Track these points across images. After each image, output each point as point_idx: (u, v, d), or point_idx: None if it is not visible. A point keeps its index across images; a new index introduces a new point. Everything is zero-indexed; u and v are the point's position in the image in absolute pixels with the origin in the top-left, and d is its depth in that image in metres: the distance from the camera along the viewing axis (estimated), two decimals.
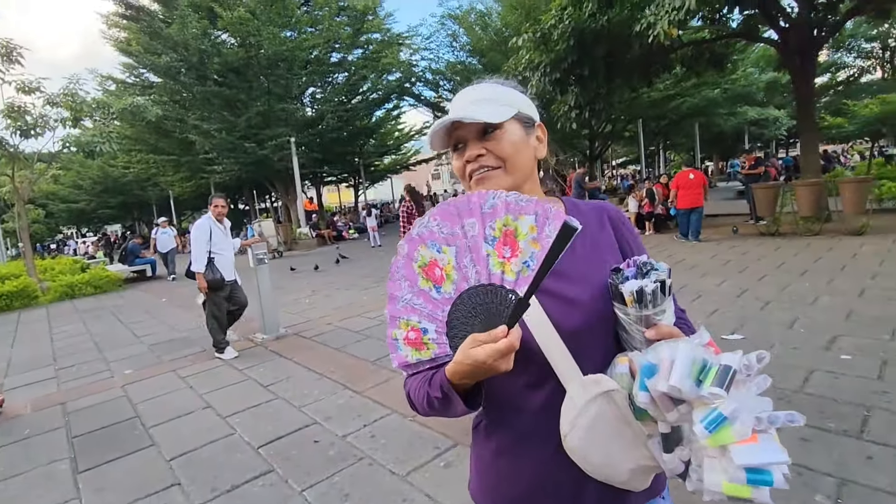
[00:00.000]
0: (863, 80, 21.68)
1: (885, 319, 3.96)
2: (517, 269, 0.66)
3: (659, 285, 0.74)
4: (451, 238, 0.70)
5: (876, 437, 2.40)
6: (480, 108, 0.82)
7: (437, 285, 0.71)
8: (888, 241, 7.08)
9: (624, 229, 0.94)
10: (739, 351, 0.65)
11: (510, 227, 0.67)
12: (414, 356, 0.73)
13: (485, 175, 0.84)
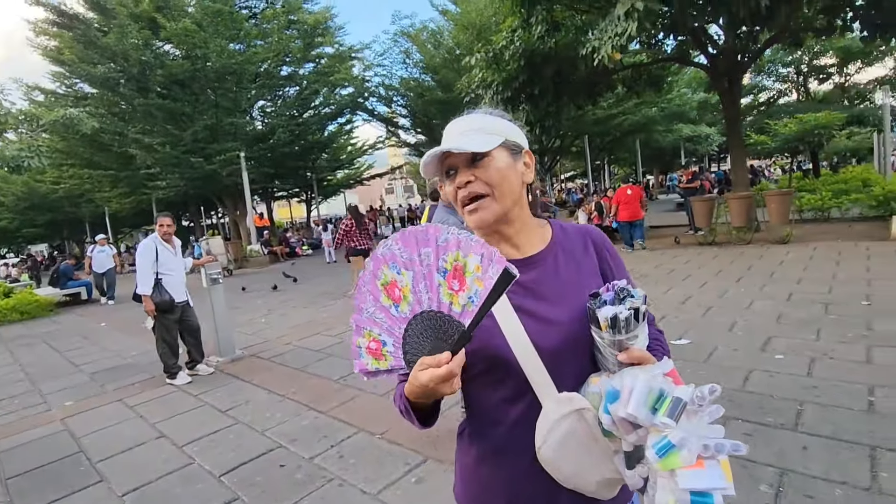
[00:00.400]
0: (781, 102, 23.86)
1: (811, 321, 4.37)
2: (463, 302, 0.71)
3: (632, 312, 0.80)
4: (409, 263, 0.76)
5: (809, 429, 2.64)
6: (469, 139, 0.88)
7: (395, 304, 0.77)
8: (809, 248, 7.78)
9: (606, 253, 1.00)
10: (692, 385, 0.71)
11: (460, 262, 0.72)
12: (373, 365, 0.79)
13: (477, 206, 0.89)
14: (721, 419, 2.34)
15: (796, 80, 23.48)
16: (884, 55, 19.98)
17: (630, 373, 0.77)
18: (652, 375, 0.74)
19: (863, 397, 2.92)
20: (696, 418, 0.71)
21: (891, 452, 2.35)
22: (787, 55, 21.50)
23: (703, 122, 29.24)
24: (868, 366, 3.35)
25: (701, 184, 11.69)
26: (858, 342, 3.76)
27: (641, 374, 0.75)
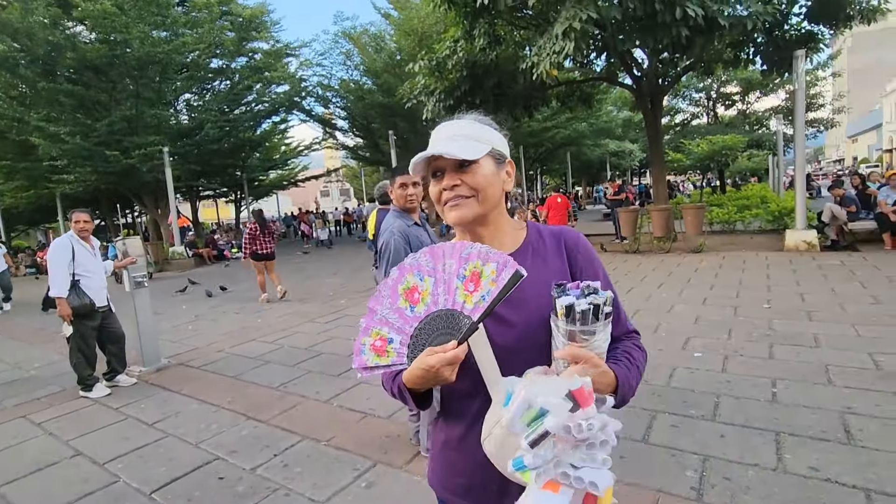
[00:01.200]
0: (694, 123, 26.19)
1: (723, 322, 4.84)
2: (475, 300, 0.83)
3: (591, 307, 0.80)
4: (433, 271, 0.88)
5: (725, 419, 2.94)
6: (459, 145, 0.92)
7: (412, 305, 0.88)
8: (719, 257, 8.61)
9: (577, 255, 1.02)
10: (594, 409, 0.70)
11: (478, 269, 0.84)
12: (374, 360, 0.88)
13: (459, 203, 0.94)
14: (650, 412, 2.52)
15: (707, 105, 25.90)
16: (778, 87, 22.59)
17: (532, 382, 0.76)
18: (547, 389, 0.71)
19: (767, 389, 3.29)
20: (569, 445, 0.69)
21: (792, 437, 2.68)
22: (699, 82, 23.67)
23: (627, 138, 31.42)
24: (771, 361, 3.77)
25: (626, 196, 12.56)
26: (762, 341, 4.22)
27: (534, 387, 0.72)
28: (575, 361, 0.81)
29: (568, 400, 0.69)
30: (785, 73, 10.23)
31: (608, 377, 0.83)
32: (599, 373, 0.81)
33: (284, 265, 14.21)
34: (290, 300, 8.26)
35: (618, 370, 0.87)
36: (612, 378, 0.84)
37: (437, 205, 0.98)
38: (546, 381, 0.75)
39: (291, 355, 5.05)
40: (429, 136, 1.02)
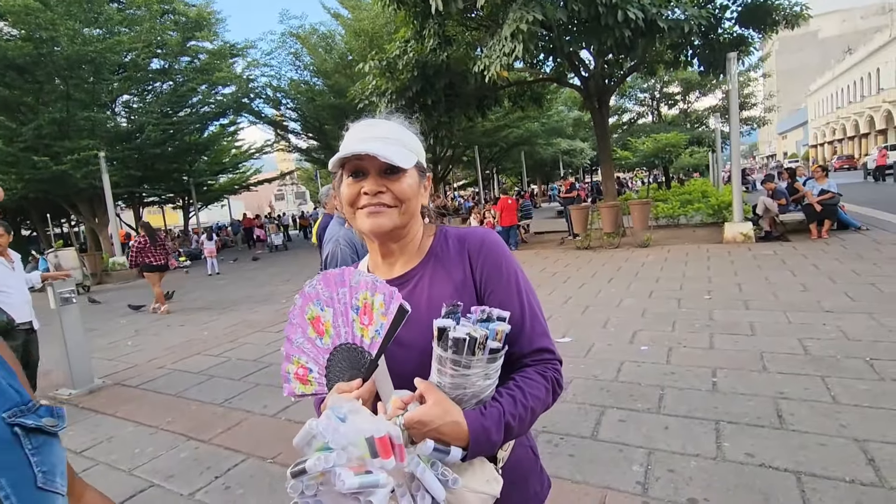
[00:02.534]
0: (640, 122, 27.27)
1: (668, 315, 5.02)
2: (371, 334, 0.81)
3: (467, 338, 0.72)
4: (329, 301, 0.86)
5: (670, 411, 3.02)
6: (390, 148, 0.84)
7: (320, 336, 0.87)
8: (664, 251, 8.96)
9: (481, 262, 0.91)
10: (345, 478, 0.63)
11: (369, 301, 0.82)
12: (300, 389, 0.88)
13: (380, 210, 0.86)
14: (598, 408, 2.54)
15: (651, 105, 27.04)
16: (715, 87, 23.88)
17: (349, 411, 0.68)
18: (356, 431, 0.66)
19: (708, 379, 3.42)
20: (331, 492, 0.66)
21: (730, 424, 2.78)
22: (644, 82, 24.69)
23: (578, 137, 32.31)
24: (711, 351, 3.93)
25: (578, 193, 12.90)
26: (704, 331, 4.40)
27: (345, 428, 0.66)
28: (422, 399, 0.75)
29: (368, 444, 0.64)
30: (720, 74, 10.79)
31: (458, 429, 0.73)
32: (448, 422, 0.73)
33: (235, 273, 13.68)
34: (238, 310, 7.94)
35: (475, 422, 0.75)
36: (463, 430, 0.73)
37: (348, 207, 0.90)
38: (359, 417, 0.68)
39: (238, 368, 4.83)
40: None
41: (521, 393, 0.81)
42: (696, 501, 2.16)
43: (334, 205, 2.57)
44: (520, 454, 0.93)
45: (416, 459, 0.70)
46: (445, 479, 0.70)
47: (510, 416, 0.78)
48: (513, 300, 0.88)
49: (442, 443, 0.72)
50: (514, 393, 0.81)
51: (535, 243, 12.73)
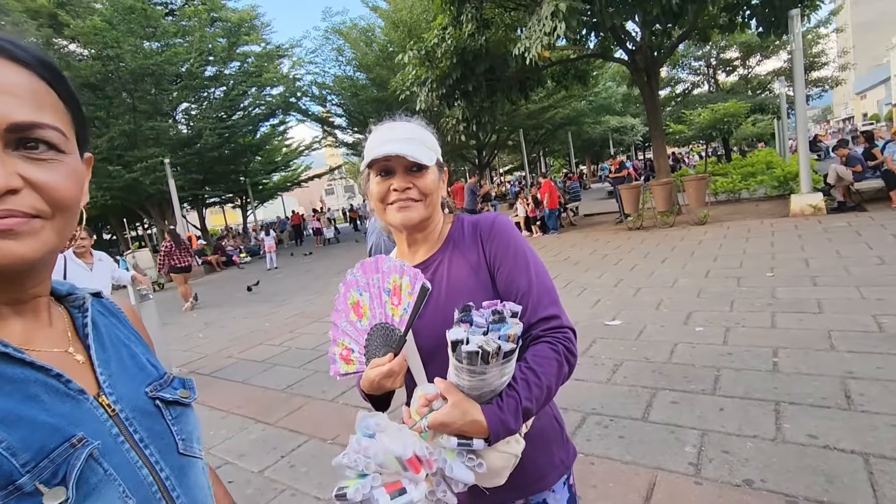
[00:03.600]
0: (695, 93, 25.72)
1: (726, 294, 4.80)
2: (400, 313, 0.90)
3: (479, 352, 0.73)
4: (367, 286, 0.95)
5: (725, 392, 2.93)
6: (415, 147, 0.95)
7: (359, 319, 0.96)
8: (724, 228, 8.50)
9: (491, 242, 0.99)
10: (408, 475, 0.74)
11: (397, 283, 0.91)
12: (344, 368, 0.97)
13: (408, 205, 0.96)
14: (650, 390, 2.53)
15: (707, 73, 25.41)
16: (778, 49, 22.05)
17: (381, 430, 0.77)
18: (386, 451, 0.73)
19: (769, 359, 3.27)
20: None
21: (792, 405, 2.67)
22: (697, 50, 23.21)
23: (627, 113, 30.95)
24: (773, 330, 3.74)
25: (628, 172, 12.43)
26: (765, 310, 4.19)
27: (380, 446, 0.74)
28: (444, 397, 0.81)
29: (398, 462, 0.73)
30: (783, 34, 9.98)
31: (478, 426, 0.79)
32: (468, 421, 0.78)
33: (290, 267, 14.33)
34: (295, 302, 8.35)
35: (493, 418, 0.79)
36: (482, 427, 0.79)
37: (378, 203, 1.00)
38: (388, 437, 0.75)
39: (298, 357, 5.12)
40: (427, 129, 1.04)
41: (535, 375, 0.84)
42: (753, 482, 2.11)
43: None
44: (543, 422, 1.01)
45: (443, 455, 0.78)
46: (472, 464, 0.79)
47: (527, 402, 0.82)
48: (521, 273, 0.95)
49: (464, 437, 0.80)
50: (527, 377, 0.84)
51: (584, 226, 12.44)
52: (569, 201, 13.83)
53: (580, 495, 2.15)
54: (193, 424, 0.65)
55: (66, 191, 0.51)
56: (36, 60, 0.51)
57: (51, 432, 0.49)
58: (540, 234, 12.10)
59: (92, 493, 0.49)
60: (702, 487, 2.14)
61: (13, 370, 0.50)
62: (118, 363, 0.61)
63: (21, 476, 0.45)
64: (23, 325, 0.55)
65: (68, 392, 0.52)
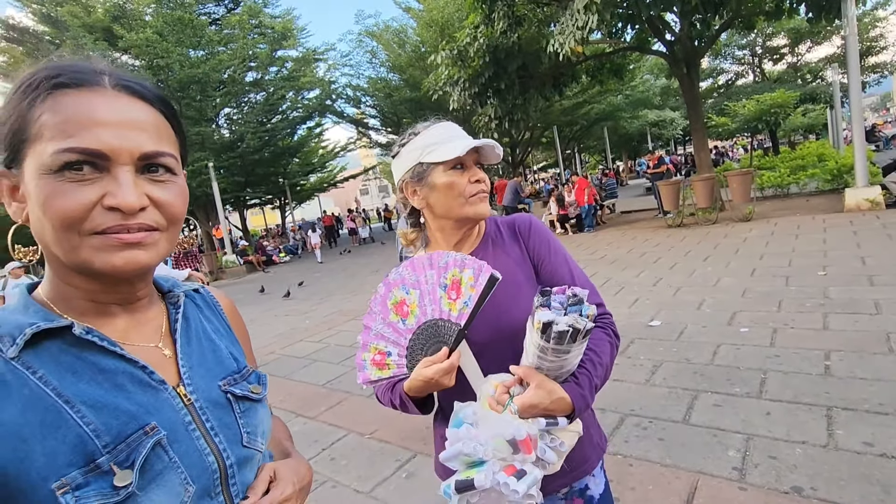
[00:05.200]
0: (739, 83, 24.64)
1: (773, 294, 4.61)
2: (459, 307, 0.87)
3: (571, 330, 0.77)
4: (416, 284, 0.93)
5: (772, 396, 2.82)
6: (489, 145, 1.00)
7: (403, 318, 0.93)
8: (770, 224, 8.14)
9: (532, 239, 1.07)
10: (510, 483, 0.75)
11: (457, 277, 0.88)
12: (376, 374, 0.95)
13: (484, 197, 1.02)
14: (691, 392, 2.48)
15: (752, 62, 24.30)
16: (831, 34, 20.84)
17: (484, 420, 0.80)
18: (495, 434, 0.76)
19: (820, 362, 3.12)
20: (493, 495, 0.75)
21: (845, 411, 2.54)
22: (741, 38, 22.23)
23: (667, 106, 29.99)
24: (825, 332, 3.57)
25: (667, 168, 12.08)
26: (816, 311, 3.99)
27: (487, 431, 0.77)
28: (520, 383, 0.84)
29: (510, 446, 0.75)
30: (834, 18, 9.43)
31: (564, 403, 0.85)
32: (554, 400, 0.84)
33: (328, 265, 14.67)
34: (332, 300, 8.56)
35: (575, 393, 0.86)
36: (567, 404, 0.85)
37: (457, 196, 0.99)
38: (495, 421, 0.78)
39: (337, 353, 5.26)
40: (461, 127, 1.07)
41: (596, 355, 0.93)
42: (802, 490, 2.03)
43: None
44: None
45: (539, 445, 0.81)
46: (554, 444, 0.83)
47: (597, 379, 0.91)
48: (562, 268, 1.03)
49: (549, 416, 0.84)
50: (591, 357, 0.92)
51: (621, 223, 12.16)
52: (605, 198, 13.55)
53: (618, 497, 2.13)
54: (260, 419, 0.69)
55: (179, 206, 0.60)
56: (157, 99, 0.60)
57: (129, 419, 0.55)
58: (574, 232, 11.93)
59: (156, 478, 0.54)
60: (746, 493, 2.08)
61: (106, 361, 0.57)
62: (199, 357, 0.67)
63: (101, 456, 0.52)
64: (125, 322, 0.62)
65: (150, 382, 0.59)
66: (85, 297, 0.59)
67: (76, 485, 0.50)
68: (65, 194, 0.52)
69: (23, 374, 0.52)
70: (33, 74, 0.55)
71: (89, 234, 0.53)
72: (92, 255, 0.54)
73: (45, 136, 0.52)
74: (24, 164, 0.54)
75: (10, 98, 0.55)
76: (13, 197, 0.55)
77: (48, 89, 0.53)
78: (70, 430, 0.51)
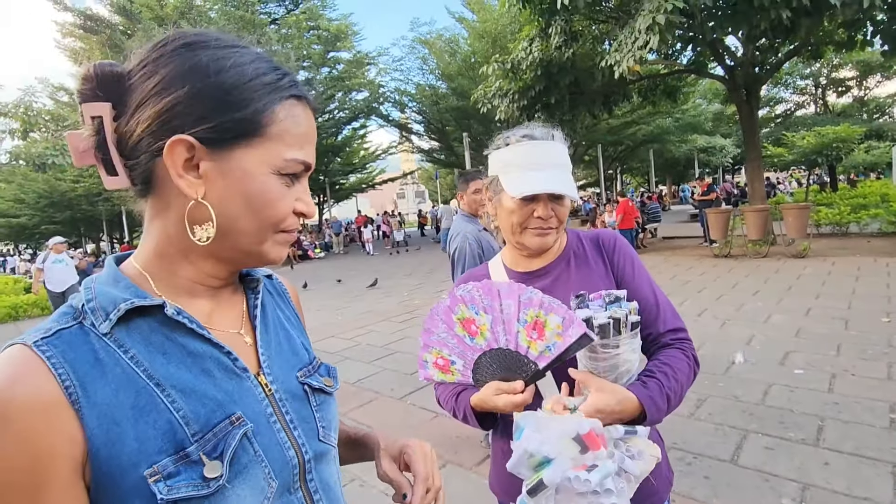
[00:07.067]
0: (799, 114, 23.68)
1: (831, 337, 4.33)
2: (540, 349, 0.85)
3: (611, 322, 0.79)
4: (489, 308, 0.89)
5: (831, 445, 2.64)
6: (564, 177, 0.98)
7: (471, 336, 0.90)
8: (828, 263, 7.71)
9: (617, 255, 1.06)
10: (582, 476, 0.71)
11: (541, 319, 0.85)
12: (439, 377, 0.94)
13: (547, 232, 1.01)
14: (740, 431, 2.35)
15: (814, 93, 23.31)
16: None
17: (543, 423, 0.76)
18: (555, 433, 0.73)
19: (884, 414, 2.90)
20: (571, 494, 0.71)
21: None
22: (805, 67, 21.38)
23: (718, 133, 29.07)
24: (890, 383, 3.32)
25: (716, 196, 11.65)
26: (880, 359, 3.72)
27: (540, 432, 0.74)
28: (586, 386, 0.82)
29: (577, 443, 0.71)
30: None
31: (631, 405, 0.82)
32: (620, 400, 0.81)
33: (363, 266, 14.85)
34: (365, 300, 8.62)
35: (642, 394, 0.84)
36: (636, 405, 0.83)
37: (516, 225, 1.01)
38: (556, 422, 0.75)
39: (367, 352, 5.28)
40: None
41: (671, 369, 0.90)
42: None
43: (473, 200, 2.70)
44: (654, 437, 0.99)
45: (611, 447, 0.77)
46: (631, 453, 0.78)
47: (668, 389, 0.87)
48: (645, 288, 1.01)
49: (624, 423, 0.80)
50: (665, 369, 0.90)
51: (663, 249, 11.81)
52: (647, 222, 13.19)
53: None
54: (333, 414, 0.67)
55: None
56: (318, 111, 0.63)
57: (216, 407, 0.52)
58: None
59: (242, 472, 0.51)
60: None
61: (195, 344, 0.54)
62: (277, 346, 0.64)
63: (190, 444, 0.49)
64: (211, 306, 0.60)
65: (234, 370, 0.56)
66: (192, 278, 0.58)
67: (167, 473, 0.47)
68: (284, 197, 0.56)
69: (115, 353, 0.50)
70: (278, 71, 0.57)
71: (279, 232, 0.57)
72: (270, 248, 0.58)
73: (287, 140, 0.55)
74: (236, 150, 0.53)
75: (242, 84, 0.53)
76: (186, 170, 0.52)
77: (287, 95, 0.56)
78: (161, 415, 0.49)
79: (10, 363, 0.46)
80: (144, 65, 0.53)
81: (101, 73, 0.52)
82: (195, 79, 0.52)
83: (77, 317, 0.51)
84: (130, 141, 0.53)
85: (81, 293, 0.53)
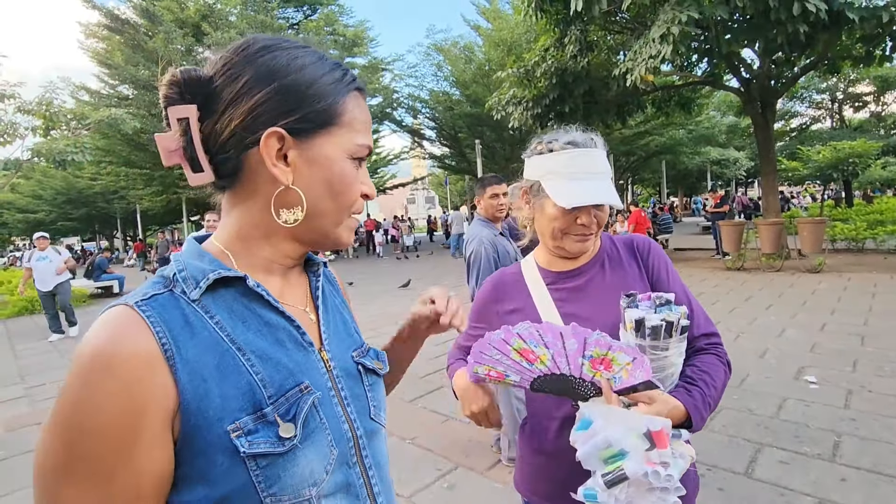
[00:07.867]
0: (814, 128, 23.47)
1: (846, 352, 4.28)
2: (607, 377, 0.83)
3: (664, 324, 0.79)
4: (550, 344, 0.85)
5: (848, 461, 2.61)
6: (607, 186, 0.99)
7: (529, 363, 0.88)
8: (843, 279, 7.61)
9: (652, 260, 1.07)
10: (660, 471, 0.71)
11: (608, 357, 0.82)
12: (494, 382, 0.96)
13: (587, 238, 1.02)
14: (754, 444, 2.34)
15: (831, 107, 23.12)
16: None
17: (612, 415, 0.75)
18: (625, 427, 0.72)
19: None
20: (641, 488, 0.71)
21: None
22: (821, 82, 21.22)
23: (731, 145, 28.90)
24: None
25: (730, 208, 11.59)
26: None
27: (612, 424, 0.73)
28: (635, 401, 0.81)
29: (646, 439, 0.72)
30: None
31: (678, 412, 0.84)
32: (670, 409, 0.83)
33: (373, 268, 14.91)
34: (377, 302, 8.66)
35: (689, 402, 0.86)
36: (682, 412, 0.85)
37: (557, 230, 1.02)
38: (624, 416, 0.75)
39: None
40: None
41: (710, 377, 0.93)
42: None
43: (489, 205, 2.74)
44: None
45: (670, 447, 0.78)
46: (676, 454, 0.78)
47: (709, 398, 0.90)
48: (680, 292, 1.02)
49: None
50: (704, 377, 0.92)
51: (675, 260, 11.71)
52: (658, 233, 13.13)
53: None
54: (382, 395, 0.71)
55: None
56: None
57: (288, 375, 0.56)
58: None
59: (310, 436, 0.55)
60: None
61: (270, 315, 0.59)
62: (335, 326, 0.69)
63: (266, 406, 0.53)
64: (282, 284, 0.64)
65: (302, 343, 0.61)
66: (269, 257, 0.62)
67: (248, 430, 0.51)
68: (356, 180, 0.62)
69: (203, 317, 0.54)
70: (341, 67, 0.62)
71: (351, 214, 0.63)
72: (342, 231, 0.63)
73: (356, 127, 0.61)
74: (317, 139, 0.58)
75: (318, 79, 0.59)
76: (277, 159, 0.57)
77: (353, 88, 0.62)
78: (242, 376, 0.53)
79: (114, 320, 0.50)
80: (229, 68, 0.57)
81: (186, 78, 0.56)
82: (279, 77, 0.57)
83: (168, 285, 0.55)
84: (221, 138, 0.57)
85: (172, 265, 0.58)
